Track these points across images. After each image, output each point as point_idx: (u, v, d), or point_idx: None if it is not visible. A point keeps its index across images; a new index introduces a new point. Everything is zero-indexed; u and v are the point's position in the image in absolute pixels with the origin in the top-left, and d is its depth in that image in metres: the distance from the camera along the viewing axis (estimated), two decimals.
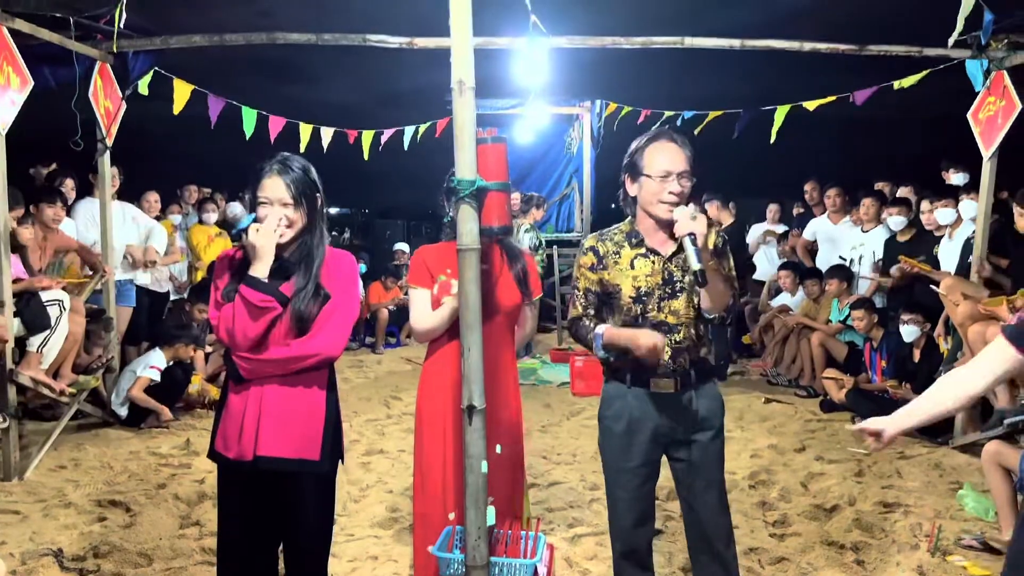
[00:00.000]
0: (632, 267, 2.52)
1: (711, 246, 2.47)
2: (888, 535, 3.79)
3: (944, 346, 5.41)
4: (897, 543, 3.69)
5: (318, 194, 2.41)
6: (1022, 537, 1.98)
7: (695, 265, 2.30)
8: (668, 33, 5.19)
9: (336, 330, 2.38)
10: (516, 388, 2.87)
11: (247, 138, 6.03)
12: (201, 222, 7.64)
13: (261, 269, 2.30)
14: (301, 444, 2.36)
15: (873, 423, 2.09)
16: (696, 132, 6.63)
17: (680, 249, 2.46)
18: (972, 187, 5.47)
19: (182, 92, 5.63)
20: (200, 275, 7.36)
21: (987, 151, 5.03)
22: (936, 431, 5.30)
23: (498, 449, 2.70)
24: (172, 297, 7.19)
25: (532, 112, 9.64)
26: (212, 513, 4.00)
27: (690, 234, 2.32)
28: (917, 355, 5.61)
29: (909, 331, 5.57)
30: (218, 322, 2.34)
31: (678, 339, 2.49)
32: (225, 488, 2.48)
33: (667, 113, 6.90)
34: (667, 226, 2.46)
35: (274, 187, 2.33)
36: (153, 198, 7.00)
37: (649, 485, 2.61)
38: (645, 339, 2.36)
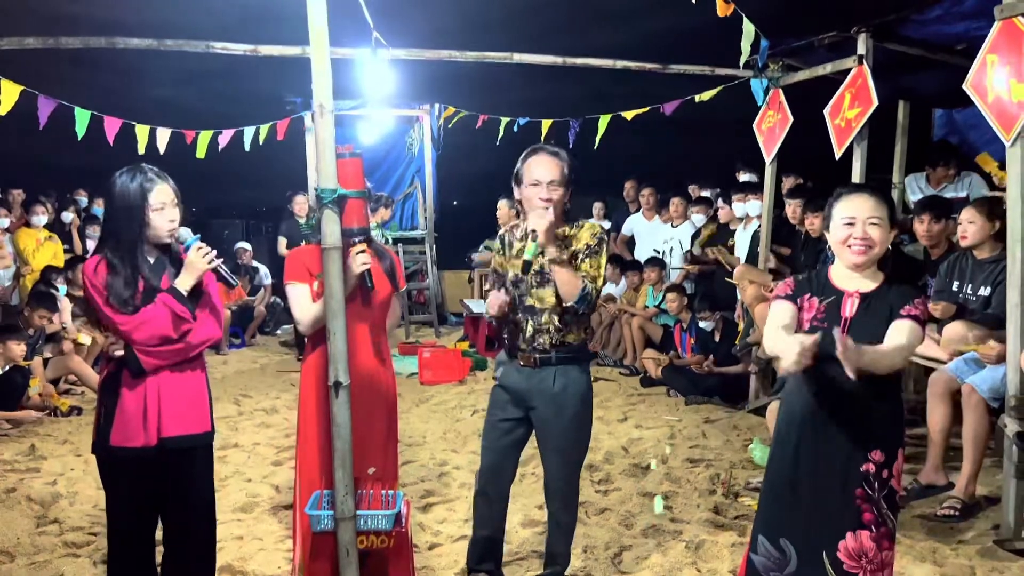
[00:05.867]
0: (518, 257, 3.00)
1: (552, 243, 2.90)
2: (692, 484, 4.48)
3: (741, 325, 6.29)
4: (699, 490, 4.39)
5: None
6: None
7: (527, 256, 2.82)
8: (500, 47, 5.68)
9: (216, 315, 2.79)
10: (391, 366, 3.23)
11: (79, 139, 5.89)
12: (29, 225, 7.36)
13: (186, 283, 2.63)
14: (197, 420, 2.71)
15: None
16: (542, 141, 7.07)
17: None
18: (758, 187, 6.36)
19: (10, 93, 5.44)
20: (31, 280, 7.10)
21: (768, 156, 5.91)
22: (735, 398, 6.18)
23: (371, 471, 2.96)
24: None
25: (373, 114, 9.91)
26: (70, 511, 4.09)
27: (532, 231, 2.82)
28: (718, 336, 6.51)
29: (706, 324, 6.60)
30: (129, 323, 2.56)
31: (541, 321, 2.98)
32: (120, 479, 2.68)
33: (504, 120, 7.31)
34: None
35: (166, 192, 2.65)
36: None
37: (506, 440, 3.10)
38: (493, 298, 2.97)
